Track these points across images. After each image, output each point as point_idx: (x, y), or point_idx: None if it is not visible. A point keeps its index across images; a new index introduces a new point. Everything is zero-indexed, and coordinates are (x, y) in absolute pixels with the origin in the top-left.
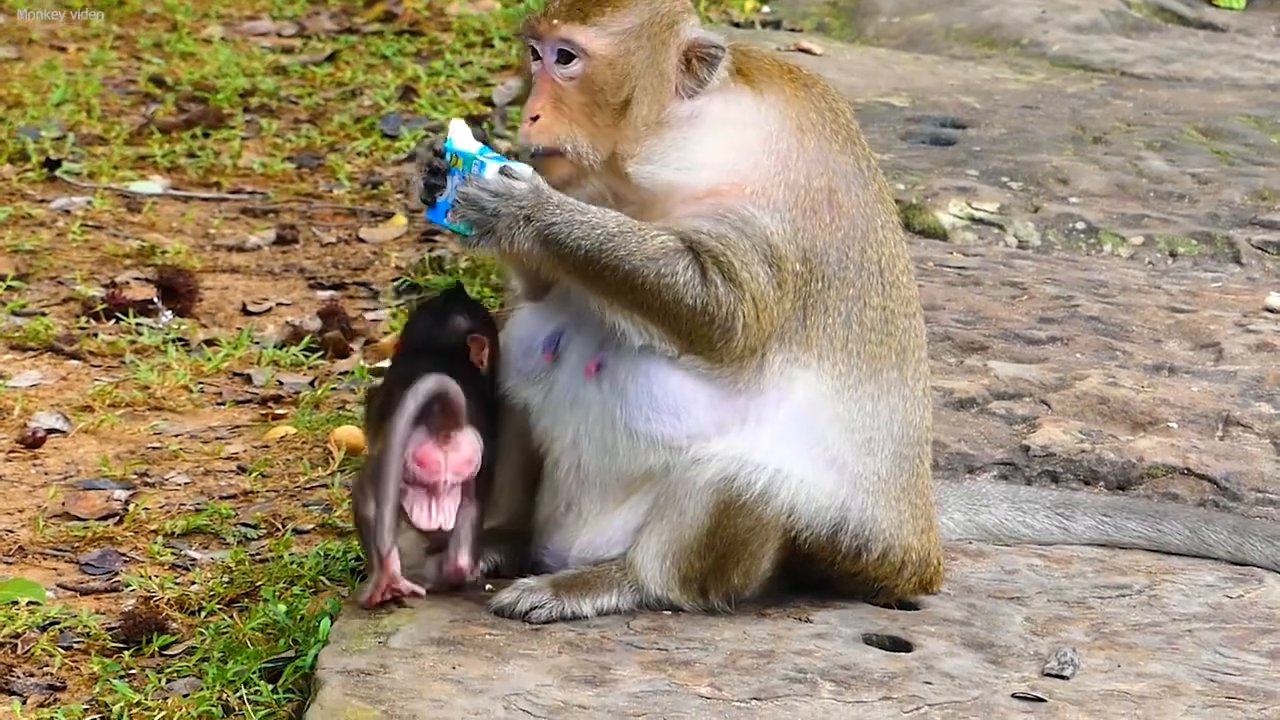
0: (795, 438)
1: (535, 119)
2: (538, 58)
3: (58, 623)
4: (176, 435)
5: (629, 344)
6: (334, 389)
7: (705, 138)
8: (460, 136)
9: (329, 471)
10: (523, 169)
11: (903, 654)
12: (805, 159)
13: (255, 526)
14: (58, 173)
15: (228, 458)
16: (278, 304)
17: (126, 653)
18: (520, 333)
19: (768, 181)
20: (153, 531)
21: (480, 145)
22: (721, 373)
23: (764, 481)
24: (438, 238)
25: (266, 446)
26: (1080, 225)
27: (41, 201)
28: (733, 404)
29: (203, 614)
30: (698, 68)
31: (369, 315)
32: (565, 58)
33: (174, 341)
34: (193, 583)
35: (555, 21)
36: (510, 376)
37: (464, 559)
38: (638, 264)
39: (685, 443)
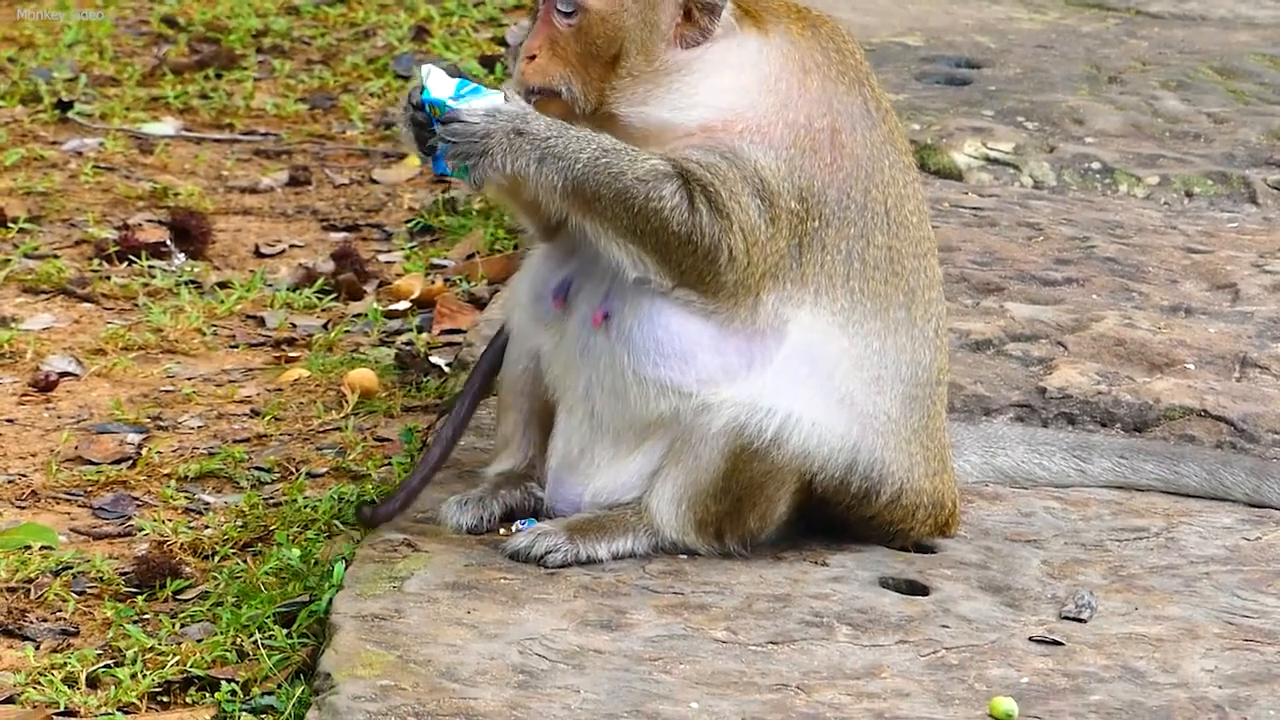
0: (803, 378)
1: (532, 58)
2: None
3: (70, 567)
4: (189, 378)
5: (632, 288)
6: (347, 331)
7: (704, 80)
8: (436, 84)
9: (343, 415)
10: (504, 93)
11: (919, 597)
12: (807, 99)
13: (269, 470)
14: (70, 114)
15: (241, 401)
16: (291, 246)
17: (140, 597)
18: (531, 278)
19: (764, 120)
20: (166, 475)
21: (458, 82)
22: (718, 309)
23: (775, 426)
24: (452, 177)
25: (280, 389)
26: (1096, 165)
27: (53, 143)
28: (734, 345)
29: (216, 558)
30: (699, 17)
31: (383, 257)
32: (568, 5)
33: (187, 284)
34: (206, 527)
35: None
36: (521, 321)
37: None
38: (628, 183)
39: (695, 388)
